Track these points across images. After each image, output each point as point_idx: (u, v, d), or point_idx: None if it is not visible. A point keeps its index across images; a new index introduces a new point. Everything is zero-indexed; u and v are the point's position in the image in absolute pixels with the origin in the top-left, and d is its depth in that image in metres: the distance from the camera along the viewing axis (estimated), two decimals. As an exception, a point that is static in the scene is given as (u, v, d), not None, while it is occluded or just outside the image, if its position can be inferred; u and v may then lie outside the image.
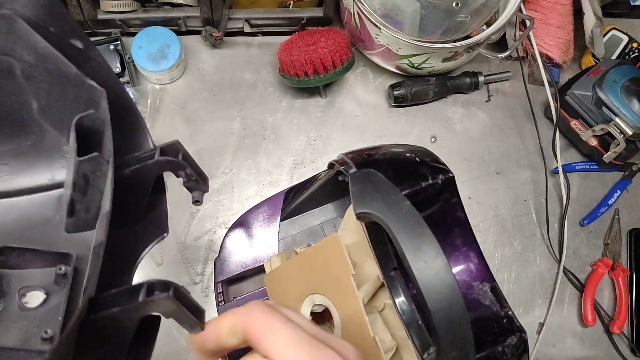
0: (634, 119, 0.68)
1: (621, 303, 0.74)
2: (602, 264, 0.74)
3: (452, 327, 0.32)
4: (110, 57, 0.71)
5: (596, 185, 0.79)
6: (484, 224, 0.75)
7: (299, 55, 0.67)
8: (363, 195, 0.36)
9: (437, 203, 0.45)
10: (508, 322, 0.43)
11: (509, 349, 0.41)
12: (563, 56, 0.77)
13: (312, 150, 0.74)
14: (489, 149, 0.78)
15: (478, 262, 0.45)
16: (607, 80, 0.70)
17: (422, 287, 0.32)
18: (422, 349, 0.40)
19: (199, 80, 0.75)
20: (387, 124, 0.77)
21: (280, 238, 0.59)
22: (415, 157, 0.47)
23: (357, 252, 0.46)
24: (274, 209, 0.59)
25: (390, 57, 0.71)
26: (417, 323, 0.42)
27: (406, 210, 0.34)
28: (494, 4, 0.68)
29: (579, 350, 0.73)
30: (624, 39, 0.80)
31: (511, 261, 0.74)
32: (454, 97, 0.79)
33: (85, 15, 0.68)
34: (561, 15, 0.75)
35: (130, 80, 0.72)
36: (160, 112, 0.73)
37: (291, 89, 0.76)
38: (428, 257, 0.32)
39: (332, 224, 0.62)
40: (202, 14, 0.70)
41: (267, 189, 0.72)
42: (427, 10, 0.67)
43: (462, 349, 0.32)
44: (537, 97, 0.79)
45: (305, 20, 0.72)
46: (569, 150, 0.79)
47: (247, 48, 0.77)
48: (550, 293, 0.74)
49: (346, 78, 0.77)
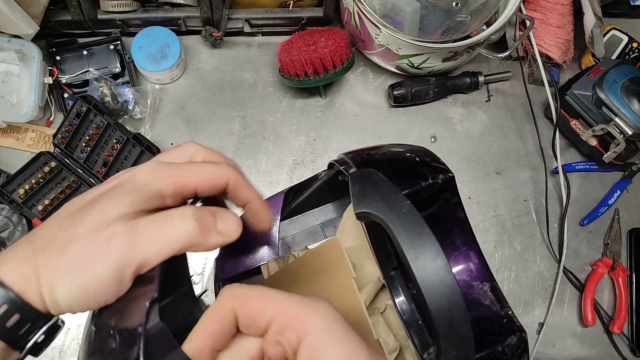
0: (633, 119, 0.68)
1: (621, 303, 0.74)
2: (602, 264, 0.74)
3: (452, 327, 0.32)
4: (110, 57, 0.71)
5: (596, 185, 0.79)
6: (484, 223, 0.75)
7: (299, 55, 0.67)
8: (363, 195, 0.36)
9: (437, 203, 0.45)
10: (508, 321, 0.43)
11: (509, 348, 0.41)
12: (563, 56, 0.77)
13: (312, 150, 0.74)
14: (488, 149, 0.78)
15: (478, 261, 0.45)
16: (607, 80, 0.70)
17: (422, 287, 0.32)
18: (422, 349, 0.40)
19: (199, 80, 0.75)
20: (387, 124, 0.77)
21: (280, 238, 0.59)
22: (415, 156, 0.47)
23: (357, 254, 0.46)
24: (274, 208, 0.59)
25: (390, 57, 0.71)
26: (417, 323, 0.42)
27: (406, 209, 0.34)
28: (494, 4, 0.68)
29: (579, 350, 0.73)
30: (624, 39, 0.80)
31: (511, 261, 0.74)
32: (454, 97, 0.79)
33: (85, 15, 0.68)
34: (561, 15, 0.75)
35: (130, 80, 0.72)
36: (160, 112, 0.73)
37: (291, 89, 0.76)
38: (428, 257, 0.32)
39: (332, 223, 0.62)
40: (202, 14, 0.70)
41: (267, 189, 0.72)
42: (427, 10, 0.67)
43: (462, 348, 0.32)
44: (537, 97, 0.79)
45: (305, 20, 0.72)
46: (569, 150, 0.79)
47: (247, 48, 0.77)
48: (550, 293, 0.74)
49: (346, 78, 0.77)
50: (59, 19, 0.68)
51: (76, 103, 0.66)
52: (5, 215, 0.65)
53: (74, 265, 0.29)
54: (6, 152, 0.70)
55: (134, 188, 0.31)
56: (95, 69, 0.70)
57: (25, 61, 0.66)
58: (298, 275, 0.46)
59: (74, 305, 0.29)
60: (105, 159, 0.66)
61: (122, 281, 0.29)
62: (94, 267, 0.28)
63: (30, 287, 0.28)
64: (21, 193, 0.64)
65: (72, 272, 0.28)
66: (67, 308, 0.29)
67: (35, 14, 0.64)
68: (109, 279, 0.29)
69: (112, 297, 0.29)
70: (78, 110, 0.66)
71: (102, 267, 0.28)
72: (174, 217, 0.30)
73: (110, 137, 0.67)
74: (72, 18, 0.67)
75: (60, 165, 0.66)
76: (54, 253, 0.29)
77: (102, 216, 0.29)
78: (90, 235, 0.29)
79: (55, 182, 0.66)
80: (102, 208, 0.30)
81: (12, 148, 0.70)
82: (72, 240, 0.29)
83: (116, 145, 0.66)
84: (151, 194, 0.31)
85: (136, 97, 0.70)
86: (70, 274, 0.28)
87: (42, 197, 0.65)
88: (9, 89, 0.67)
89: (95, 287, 0.29)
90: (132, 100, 0.70)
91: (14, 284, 0.28)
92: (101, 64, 0.71)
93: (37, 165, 0.66)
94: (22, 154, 0.70)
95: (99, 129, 0.66)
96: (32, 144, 0.70)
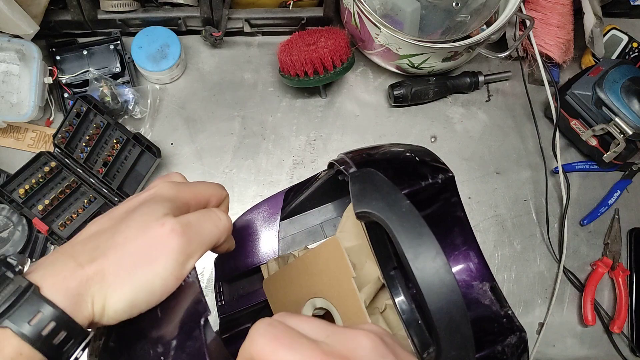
0: (634, 119, 0.68)
1: (621, 303, 0.73)
2: (602, 263, 0.74)
3: (452, 327, 0.32)
4: (110, 57, 0.71)
5: (596, 185, 0.79)
6: (484, 223, 0.75)
7: (299, 55, 0.67)
8: (363, 195, 0.36)
9: (437, 202, 0.45)
10: (508, 321, 0.43)
11: (508, 348, 0.41)
12: (563, 56, 0.77)
13: (312, 150, 0.74)
14: (488, 149, 0.78)
15: (478, 261, 0.45)
16: (607, 80, 0.70)
17: (422, 287, 0.32)
18: (422, 348, 0.40)
19: (199, 80, 0.75)
20: (387, 123, 0.77)
21: (280, 237, 0.59)
22: (415, 156, 0.47)
23: (356, 254, 0.46)
24: (274, 208, 0.59)
25: (390, 57, 0.71)
26: (417, 322, 0.42)
27: (406, 209, 0.34)
28: (494, 4, 0.68)
29: (579, 350, 0.73)
30: (624, 39, 0.80)
31: (511, 261, 0.74)
32: (454, 97, 0.79)
33: (85, 15, 0.68)
34: (561, 15, 0.75)
35: (130, 80, 0.72)
36: (160, 112, 0.73)
37: (291, 89, 0.76)
38: (428, 257, 0.32)
39: (332, 223, 0.62)
40: (202, 13, 0.70)
41: (267, 188, 0.72)
42: (427, 10, 0.67)
43: (462, 348, 0.32)
44: (537, 97, 0.79)
45: (305, 20, 0.72)
46: (569, 150, 0.79)
47: (247, 48, 0.77)
48: (550, 293, 0.74)
49: (346, 78, 0.77)
50: (59, 19, 0.68)
51: (76, 103, 0.66)
52: (5, 215, 0.65)
53: (132, 266, 0.28)
54: (6, 152, 0.70)
55: (167, 198, 0.32)
56: (95, 69, 0.70)
57: (25, 61, 0.66)
58: (298, 274, 0.46)
59: (124, 313, 0.28)
60: (105, 159, 0.66)
61: (181, 276, 0.29)
62: (155, 264, 0.28)
63: (78, 303, 0.27)
64: (21, 193, 0.64)
65: (131, 274, 0.28)
66: (114, 318, 0.29)
67: (35, 14, 0.64)
68: (170, 275, 0.28)
69: (165, 296, 0.29)
70: (78, 110, 0.66)
71: (165, 261, 0.28)
72: (216, 212, 0.33)
73: (110, 137, 0.67)
74: (72, 18, 0.67)
75: (60, 165, 0.66)
76: (106, 260, 0.28)
77: (149, 216, 0.30)
78: (143, 234, 0.29)
79: (55, 182, 0.66)
80: (145, 211, 0.30)
81: (12, 148, 0.70)
82: (123, 244, 0.29)
83: (116, 145, 0.66)
84: (181, 203, 0.33)
85: (136, 97, 0.70)
86: (130, 277, 0.28)
87: (42, 197, 0.65)
88: (9, 89, 0.67)
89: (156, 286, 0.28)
90: (132, 100, 0.70)
91: (62, 302, 0.27)
92: (101, 64, 0.71)
93: (37, 165, 0.66)
94: (22, 154, 0.70)
95: (99, 129, 0.66)
96: (32, 143, 0.70)
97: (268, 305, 0.52)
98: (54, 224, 0.65)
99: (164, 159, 0.71)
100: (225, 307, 0.56)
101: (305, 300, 0.45)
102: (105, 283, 0.28)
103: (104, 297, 0.28)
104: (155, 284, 0.28)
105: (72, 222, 0.65)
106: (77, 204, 0.67)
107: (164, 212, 0.30)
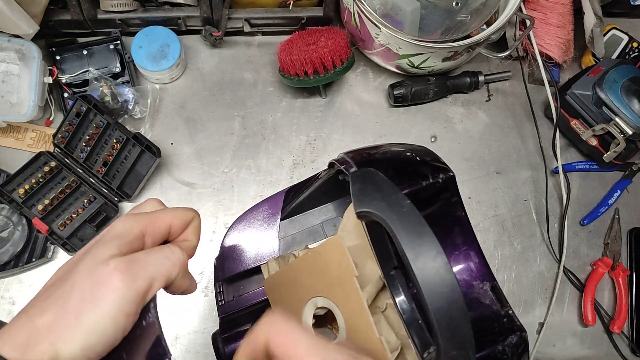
0: (634, 119, 0.68)
1: (621, 303, 0.74)
2: (602, 263, 0.74)
3: (452, 326, 0.32)
4: (110, 57, 0.71)
5: (596, 185, 0.79)
6: (484, 223, 0.75)
7: (299, 55, 0.67)
8: (363, 195, 0.36)
9: (438, 202, 0.45)
10: (508, 321, 0.43)
11: (509, 348, 0.41)
12: (563, 56, 0.77)
13: (312, 150, 0.74)
14: (489, 149, 0.78)
15: (478, 261, 0.45)
16: (607, 80, 0.70)
17: (423, 286, 0.32)
18: (423, 348, 0.40)
19: (199, 80, 0.75)
20: (387, 123, 0.77)
21: (281, 237, 0.59)
22: (416, 156, 0.47)
23: (358, 253, 0.46)
24: (274, 208, 0.59)
25: (390, 57, 0.71)
26: (418, 322, 0.42)
27: (407, 209, 0.34)
28: (494, 4, 0.68)
29: (579, 350, 0.73)
30: (624, 39, 0.80)
31: (511, 261, 0.74)
32: (454, 96, 0.79)
33: (85, 15, 0.68)
34: (561, 14, 0.75)
35: (130, 80, 0.72)
36: (160, 112, 0.73)
37: (291, 89, 0.76)
38: (428, 256, 0.32)
39: (332, 223, 0.62)
40: (202, 13, 0.70)
41: (267, 188, 0.72)
42: (427, 10, 0.67)
43: (462, 348, 0.32)
44: (537, 97, 0.79)
45: (305, 19, 0.72)
46: (569, 150, 0.79)
47: (247, 48, 0.77)
48: (550, 293, 0.74)
49: (346, 78, 0.77)
50: (59, 19, 0.68)
51: (76, 103, 0.66)
52: (5, 215, 0.65)
53: (79, 311, 0.28)
54: (6, 151, 0.70)
55: (115, 235, 0.32)
56: (95, 69, 0.70)
57: (25, 61, 0.66)
58: (299, 274, 0.46)
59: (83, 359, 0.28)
60: (105, 159, 0.66)
61: (132, 312, 0.29)
62: (101, 304, 0.28)
63: (26, 354, 0.27)
64: (21, 193, 0.64)
65: (79, 318, 0.28)
66: None
67: (35, 13, 0.64)
68: (120, 312, 0.28)
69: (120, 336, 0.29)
70: (78, 110, 0.66)
71: (111, 300, 0.28)
72: (170, 246, 0.33)
73: (110, 137, 0.67)
74: (72, 18, 0.67)
75: (60, 165, 0.66)
76: (54, 309, 0.29)
77: (95, 259, 0.30)
78: (88, 278, 0.29)
79: (55, 181, 0.66)
80: (92, 255, 0.30)
81: (12, 148, 0.70)
82: (69, 292, 0.29)
83: (116, 145, 0.66)
84: (133, 236, 0.32)
85: (136, 96, 0.70)
86: (79, 322, 0.28)
87: (42, 196, 0.65)
88: (8, 89, 0.67)
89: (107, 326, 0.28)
90: (132, 100, 0.70)
91: (9, 354, 0.27)
92: (101, 64, 0.71)
93: (37, 165, 0.66)
94: (22, 154, 0.70)
95: (99, 129, 0.66)
96: (32, 143, 0.70)
97: (268, 305, 0.52)
98: (53, 223, 0.65)
99: (164, 159, 0.71)
100: (225, 307, 0.56)
101: (306, 300, 0.45)
102: (55, 331, 0.28)
103: (55, 345, 0.28)
104: (105, 324, 0.28)
105: (72, 221, 0.65)
106: (77, 203, 0.67)
107: (110, 253, 0.30)
